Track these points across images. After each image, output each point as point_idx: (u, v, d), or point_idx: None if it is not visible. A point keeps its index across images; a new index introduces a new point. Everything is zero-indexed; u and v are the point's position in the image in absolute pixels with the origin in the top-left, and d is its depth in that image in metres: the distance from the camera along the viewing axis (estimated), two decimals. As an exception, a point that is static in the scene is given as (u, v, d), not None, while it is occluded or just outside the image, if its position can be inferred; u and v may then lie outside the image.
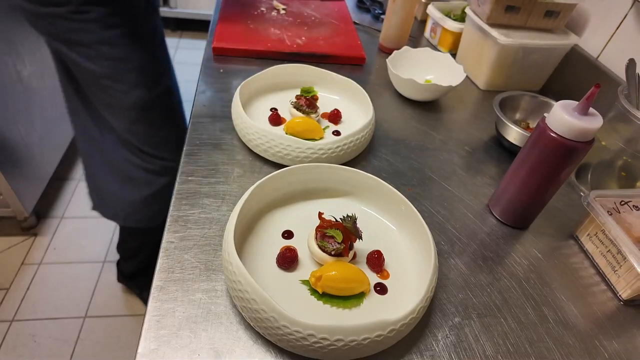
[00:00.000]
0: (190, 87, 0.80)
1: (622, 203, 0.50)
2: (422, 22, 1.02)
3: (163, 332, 0.37)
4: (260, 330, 0.36)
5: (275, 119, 0.62)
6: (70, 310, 1.20)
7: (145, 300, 1.20)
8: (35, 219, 1.40)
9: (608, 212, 0.49)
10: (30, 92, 1.31)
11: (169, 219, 0.46)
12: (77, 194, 1.53)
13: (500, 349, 0.40)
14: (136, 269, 1.18)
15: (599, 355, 0.42)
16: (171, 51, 0.78)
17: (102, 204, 0.96)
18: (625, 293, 0.46)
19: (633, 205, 0.50)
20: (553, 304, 0.46)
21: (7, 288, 1.23)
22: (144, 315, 1.10)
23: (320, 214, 0.45)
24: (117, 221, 0.99)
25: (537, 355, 0.41)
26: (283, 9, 0.91)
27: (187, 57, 2.36)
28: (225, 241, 0.40)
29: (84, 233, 1.41)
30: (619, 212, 0.50)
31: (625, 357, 0.42)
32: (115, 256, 1.34)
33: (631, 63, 0.57)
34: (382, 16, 1.00)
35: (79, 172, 1.61)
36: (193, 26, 2.55)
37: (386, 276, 0.44)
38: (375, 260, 0.44)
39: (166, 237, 0.45)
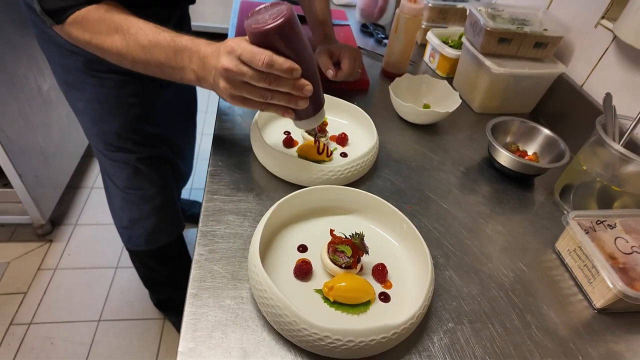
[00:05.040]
0: (213, 99, 0.84)
1: (598, 222, 0.57)
2: (422, 46, 1.08)
3: (199, 334, 0.43)
4: (283, 332, 0.43)
5: (289, 141, 0.68)
6: (85, 314, 1.26)
7: (178, 329, 1.24)
8: (50, 226, 1.46)
9: (585, 230, 0.55)
10: (48, 104, 1.38)
11: (198, 234, 0.53)
12: (89, 202, 1.59)
13: (488, 350, 0.47)
14: (159, 299, 1.25)
15: (574, 357, 0.48)
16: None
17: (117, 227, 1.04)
18: (599, 303, 0.52)
19: (607, 225, 0.57)
20: (536, 311, 0.52)
21: (25, 292, 1.29)
22: (163, 319, 1.15)
23: (332, 231, 0.52)
24: (123, 242, 1.06)
25: (520, 356, 0.47)
26: (293, 34, 0.97)
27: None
28: (251, 254, 0.46)
29: (96, 240, 1.47)
30: (595, 231, 0.56)
31: (595, 358, 0.48)
32: (127, 262, 1.41)
33: (608, 96, 0.64)
34: (384, 40, 1.07)
35: (91, 181, 1.67)
36: (211, 37, 2.59)
37: (389, 286, 0.50)
38: (380, 272, 0.50)
39: (197, 250, 0.51)
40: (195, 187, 1.69)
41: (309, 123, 0.57)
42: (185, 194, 1.55)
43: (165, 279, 1.14)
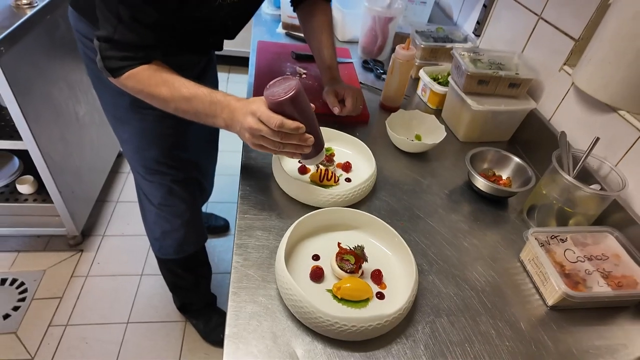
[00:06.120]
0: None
1: (552, 237, 0.71)
2: (416, 80, 1.24)
3: (240, 322, 0.57)
4: (303, 320, 0.57)
5: (303, 169, 0.83)
6: (115, 316, 1.40)
7: (199, 330, 1.38)
8: (81, 237, 1.61)
9: (541, 244, 0.69)
10: (84, 128, 1.54)
11: (235, 246, 0.67)
12: (115, 215, 1.74)
13: (460, 337, 0.60)
14: (182, 303, 1.38)
15: (528, 343, 0.61)
16: (222, 85, 0.96)
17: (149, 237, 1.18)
18: (550, 301, 0.66)
19: (560, 239, 0.71)
20: (501, 308, 0.65)
21: (61, 297, 1.43)
22: (185, 321, 1.32)
23: (339, 244, 0.66)
24: (154, 251, 1.20)
25: (485, 342, 0.60)
26: (304, 73, 1.13)
27: (235, 90, 2.62)
28: (278, 262, 0.60)
29: (123, 249, 1.61)
30: (549, 244, 0.70)
31: (545, 344, 0.61)
32: (151, 270, 1.55)
33: (562, 134, 0.78)
34: (383, 75, 1.22)
35: (116, 195, 1.82)
36: (228, 60, 2.77)
37: (384, 287, 0.64)
38: (377, 276, 0.65)
39: (234, 259, 0.65)
40: (210, 201, 1.83)
41: (312, 161, 0.74)
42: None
43: (189, 284, 1.28)
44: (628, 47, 0.72)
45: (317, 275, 0.63)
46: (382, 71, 1.24)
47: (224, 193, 1.83)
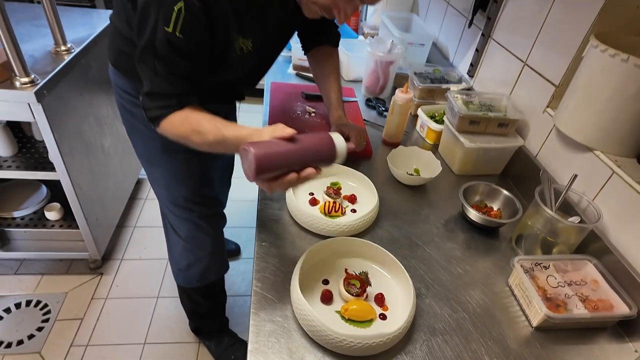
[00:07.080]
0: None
1: (536, 264, 0.79)
2: (415, 117, 1.35)
3: (260, 339, 0.66)
4: (315, 337, 0.65)
5: (313, 201, 0.93)
6: (133, 337, 1.47)
7: (211, 351, 1.45)
8: (101, 261, 1.70)
9: (526, 270, 0.78)
10: (108, 158, 1.67)
11: (254, 272, 0.77)
12: (133, 239, 1.84)
13: (454, 354, 0.68)
14: (197, 326, 1.46)
15: (514, 359, 0.69)
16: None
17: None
18: (534, 322, 0.74)
19: (543, 266, 0.79)
20: (490, 328, 0.73)
21: (82, 318, 1.52)
22: (198, 343, 1.41)
23: (346, 270, 0.75)
24: (178, 281, 1.28)
25: (475, 358, 0.68)
26: (313, 112, 1.25)
27: (245, 118, 2.77)
28: (293, 286, 0.69)
29: (140, 273, 1.70)
30: (533, 271, 0.79)
31: (530, 361, 0.69)
32: (167, 293, 1.63)
33: (544, 172, 0.88)
34: (385, 112, 1.34)
35: (134, 220, 1.93)
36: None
37: (386, 309, 0.73)
38: (380, 299, 0.73)
39: (254, 283, 0.75)
40: (222, 226, 1.93)
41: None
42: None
43: (206, 311, 1.36)
44: (598, 97, 0.83)
45: (326, 297, 0.72)
46: (384, 109, 1.36)
47: (235, 218, 1.93)
